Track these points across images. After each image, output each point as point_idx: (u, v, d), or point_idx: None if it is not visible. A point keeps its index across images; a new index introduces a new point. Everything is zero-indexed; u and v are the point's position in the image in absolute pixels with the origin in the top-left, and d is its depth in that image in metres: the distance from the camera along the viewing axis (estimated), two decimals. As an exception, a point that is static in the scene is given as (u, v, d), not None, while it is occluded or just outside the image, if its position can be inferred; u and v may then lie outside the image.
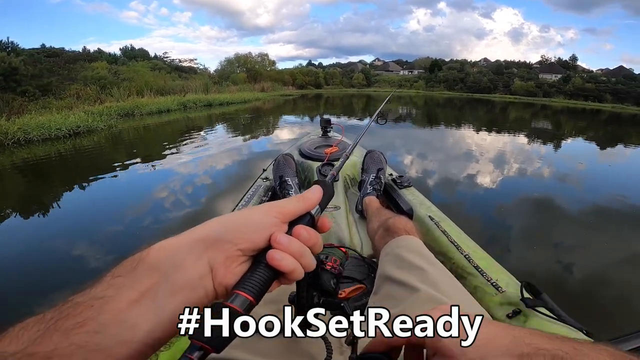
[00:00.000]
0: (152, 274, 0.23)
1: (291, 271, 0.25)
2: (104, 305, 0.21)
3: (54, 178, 3.55)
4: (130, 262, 0.24)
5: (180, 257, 0.24)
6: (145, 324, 0.21)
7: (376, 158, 1.40)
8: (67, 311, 0.20)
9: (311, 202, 0.30)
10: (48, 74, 10.84)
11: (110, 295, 0.21)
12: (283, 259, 0.25)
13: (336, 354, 0.47)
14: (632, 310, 1.52)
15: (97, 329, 0.20)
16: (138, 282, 0.22)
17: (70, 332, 0.19)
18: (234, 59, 27.36)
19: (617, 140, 8.01)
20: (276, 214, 0.27)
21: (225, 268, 0.25)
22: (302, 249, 0.27)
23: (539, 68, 36.64)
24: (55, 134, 5.37)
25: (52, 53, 15.87)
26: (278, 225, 0.27)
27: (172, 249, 0.24)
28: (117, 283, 0.22)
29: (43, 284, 1.60)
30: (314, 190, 0.31)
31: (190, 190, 3.07)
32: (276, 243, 0.26)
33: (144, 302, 0.22)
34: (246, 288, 0.24)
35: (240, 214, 0.27)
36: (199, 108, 11.00)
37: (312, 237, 0.28)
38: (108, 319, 0.20)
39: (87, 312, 0.20)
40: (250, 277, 0.24)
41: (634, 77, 29.30)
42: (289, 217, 0.28)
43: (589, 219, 2.62)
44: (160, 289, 0.23)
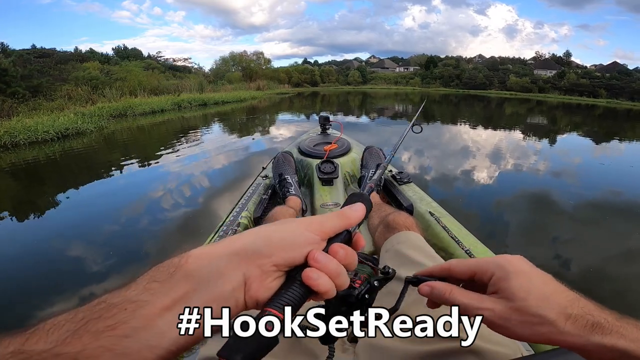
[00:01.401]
0: (188, 282, 0.23)
1: (326, 291, 0.25)
2: (137, 310, 0.21)
3: (39, 183, 3.45)
4: (168, 267, 0.23)
5: (218, 268, 0.23)
6: (173, 332, 0.21)
7: (375, 154, 1.38)
8: (100, 312, 0.20)
9: (354, 221, 0.29)
10: (38, 74, 10.62)
11: (145, 300, 0.21)
12: (319, 278, 0.24)
13: (338, 352, 0.47)
14: (633, 304, 1.51)
15: (127, 333, 0.20)
16: (173, 290, 0.22)
17: (100, 334, 0.19)
18: (229, 57, 27.17)
19: (613, 135, 8.04)
20: (317, 231, 0.27)
21: (259, 282, 0.24)
22: (339, 268, 0.26)
23: (534, 64, 36.81)
24: (43, 137, 5.22)
25: (42, 53, 15.60)
26: (317, 242, 0.26)
27: (211, 258, 0.24)
28: (153, 288, 0.22)
29: (35, 287, 1.56)
30: (357, 207, 0.30)
31: (188, 190, 3.00)
32: (314, 261, 0.25)
33: (176, 310, 0.22)
34: (278, 306, 0.23)
35: (280, 228, 0.27)
36: (193, 107, 10.86)
37: (349, 256, 0.27)
38: (140, 323, 0.20)
39: (120, 315, 0.20)
40: (283, 294, 0.24)
41: (628, 72, 29.56)
42: (329, 235, 0.28)
43: (589, 213, 2.62)
44: (194, 297, 0.22)
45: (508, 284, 0.29)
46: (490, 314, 0.29)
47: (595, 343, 0.25)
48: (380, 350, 0.45)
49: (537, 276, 0.30)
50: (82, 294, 1.53)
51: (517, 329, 0.28)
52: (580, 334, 0.26)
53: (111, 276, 1.67)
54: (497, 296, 0.30)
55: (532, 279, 0.30)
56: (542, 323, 0.27)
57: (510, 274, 0.30)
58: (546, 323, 0.27)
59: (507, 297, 0.29)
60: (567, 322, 0.26)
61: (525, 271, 0.30)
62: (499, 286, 0.30)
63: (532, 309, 0.27)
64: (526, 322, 0.27)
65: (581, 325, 0.26)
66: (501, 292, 0.29)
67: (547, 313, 0.27)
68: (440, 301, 0.33)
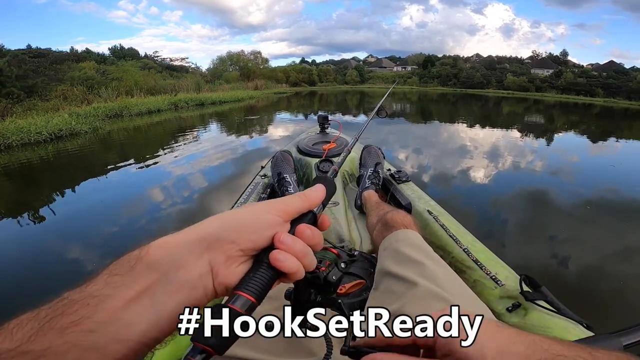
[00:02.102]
0: (151, 273, 0.22)
1: (294, 272, 0.25)
2: (100, 304, 0.20)
3: (32, 185, 3.40)
4: (128, 260, 0.23)
5: (180, 256, 0.23)
6: (142, 323, 0.21)
7: (373, 153, 1.38)
8: (62, 309, 0.20)
9: (314, 201, 0.29)
10: (33, 74, 10.50)
11: (107, 294, 0.21)
12: (287, 259, 0.24)
13: (336, 350, 0.43)
14: (631, 302, 1.51)
15: (92, 327, 0.20)
16: (136, 282, 0.22)
17: (65, 330, 0.19)
18: (227, 57, 27.10)
19: (610, 133, 8.07)
20: (279, 212, 0.27)
21: (226, 268, 0.24)
22: (305, 249, 0.26)
23: (531, 63, 36.94)
24: (36, 139, 5.12)
25: (38, 53, 15.45)
26: (281, 224, 0.26)
27: (172, 247, 0.24)
28: (114, 281, 0.22)
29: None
30: (316, 188, 0.30)
31: (186, 191, 2.97)
32: (280, 243, 0.25)
33: (141, 301, 0.21)
34: (248, 289, 0.23)
35: (242, 212, 0.26)
36: (190, 107, 10.79)
37: (315, 236, 0.27)
38: (104, 317, 0.20)
39: (83, 311, 0.20)
40: (252, 277, 0.24)
41: (624, 71, 29.70)
42: (292, 216, 0.28)
43: (589, 211, 2.62)
44: (159, 288, 0.22)
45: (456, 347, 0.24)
46: None
47: None
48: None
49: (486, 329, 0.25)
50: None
51: None
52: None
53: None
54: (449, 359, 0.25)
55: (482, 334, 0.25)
56: None
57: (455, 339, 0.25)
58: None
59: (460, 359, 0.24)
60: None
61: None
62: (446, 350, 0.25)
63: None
64: None
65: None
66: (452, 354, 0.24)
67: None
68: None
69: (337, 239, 1.01)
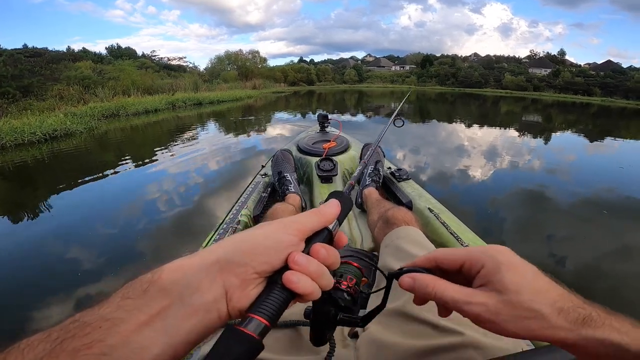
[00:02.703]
0: (165, 297, 0.22)
1: (309, 293, 0.24)
2: (113, 327, 0.20)
3: (25, 185, 3.36)
4: (141, 284, 0.23)
5: (194, 280, 0.23)
6: (155, 347, 0.21)
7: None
8: (74, 331, 0.20)
9: (330, 217, 0.29)
10: (29, 74, 10.43)
11: (120, 318, 0.21)
12: (300, 281, 0.24)
13: (339, 347, 0.46)
14: (633, 301, 1.51)
15: (104, 351, 0.20)
16: (149, 305, 0.22)
17: (77, 353, 0.19)
18: (225, 56, 27.04)
19: (607, 133, 8.08)
20: (294, 231, 0.26)
21: (240, 291, 0.24)
22: (320, 269, 0.25)
23: (528, 62, 37.02)
24: (30, 139, 5.02)
25: (34, 53, 15.35)
26: (296, 243, 0.26)
27: (185, 271, 0.23)
28: (127, 305, 0.22)
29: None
30: (331, 204, 0.29)
31: (186, 191, 2.93)
32: (294, 264, 0.24)
33: (154, 325, 0.21)
34: (261, 312, 0.23)
35: (255, 233, 0.26)
36: (188, 107, 10.71)
37: (331, 256, 0.27)
38: (117, 341, 0.20)
39: (95, 334, 0.20)
40: (265, 299, 0.23)
41: (622, 71, 29.81)
42: (307, 234, 0.27)
43: (586, 210, 2.62)
44: (173, 311, 0.22)
45: (500, 276, 0.28)
46: (481, 309, 0.27)
47: (587, 337, 0.25)
48: (380, 345, 0.44)
49: (528, 269, 0.29)
50: (75, 297, 1.47)
51: (507, 324, 0.27)
52: (571, 328, 0.25)
53: (106, 279, 1.61)
54: (488, 289, 0.28)
55: (524, 272, 0.28)
56: (534, 317, 0.26)
57: (502, 266, 0.28)
58: (538, 317, 0.26)
59: (499, 290, 0.27)
60: (559, 316, 0.26)
61: (516, 263, 0.29)
62: (490, 278, 0.28)
63: (526, 303, 0.26)
64: (517, 317, 0.26)
65: (573, 319, 0.25)
66: (492, 284, 0.28)
67: (540, 307, 0.26)
68: (425, 296, 0.30)
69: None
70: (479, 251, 0.30)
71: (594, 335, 0.24)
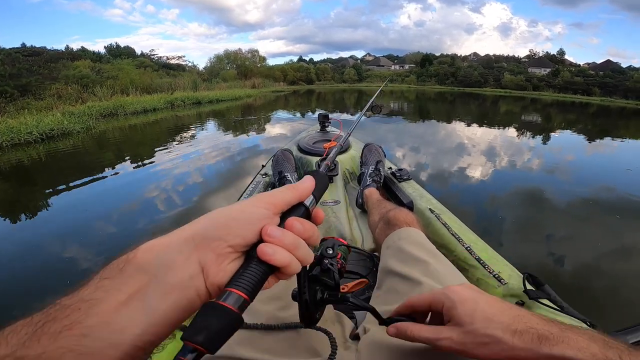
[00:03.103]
0: (141, 276, 0.22)
1: (286, 265, 0.24)
2: (91, 308, 0.20)
3: (22, 185, 3.33)
4: (117, 264, 0.23)
5: (169, 257, 0.23)
6: (134, 327, 0.21)
7: (374, 151, 1.38)
8: (55, 314, 0.20)
9: (303, 192, 0.29)
10: (27, 73, 10.38)
11: (98, 298, 0.21)
12: (275, 252, 0.24)
13: (341, 349, 0.46)
14: (634, 300, 1.50)
15: (84, 332, 0.20)
16: (126, 284, 0.22)
17: (58, 335, 0.19)
18: (224, 55, 26.98)
19: (606, 132, 8.08)
20: (266, 204, 0.26)
21: (217, 266, 0.23)
22: (296, 241, 0.25)
23: (528, 62, 37.01)
24: (26, 139, 4.95)
25: (32, 52, 15.27)
26: (269, 217, 0.26)
27: (160, 249, 0.23)
28: (104, 285, 0.22)
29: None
30: (305, 179, 0.30)
31: (185, 191, 2.92)
32: (267, 236, 0.24)
33: (132, 305, 0.21)
34: (239, 285, 0.23)
35: (228, 209, 0.26)
36: (187, 106, 10.66)
37: (308, 229, 0.27)
38: (95, 322, 0.20)
39: (74, 315, 0.20)
40: (242, 273, 0.23)
41: (621, 70, 29.80)
42: (281, 208, 0.27)
43: (585, 209, 2.61)
44: (150, 290, 0.22)
45: (456, 311, 0.33)
46: (449, 342, 0.32)
47: (546, 354, 0.27)
48: (382, 346, 0.45)
49: (481, 300, 0.33)
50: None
51: (475, 350, 0.31)
52: (529, 347, 0.28)
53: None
54: (451, 324, 0.33)
55: (477, 303, 0.32)
56: (493, 342, 0.29)
57: (456, 302, 0.33)
58: (496, 341, 0.29)
59: (457, 323, 0.32)
60: (514, 338, 0.29)
61: (469, 298, 0.33)
62: (449, 315, 0.33)
63: (480, 330, 0.30)
64: (480, 344, 0.30)
65: (528, 339, 0.28)
66: (452, 319, 0.33)
67: (494, 332, 0.29)
68: (406, 338, 0.36)
69: (337, 232, 1.00)
70: (439, 293, 0.36)
71: (551, 352, 0.27)
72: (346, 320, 0.56)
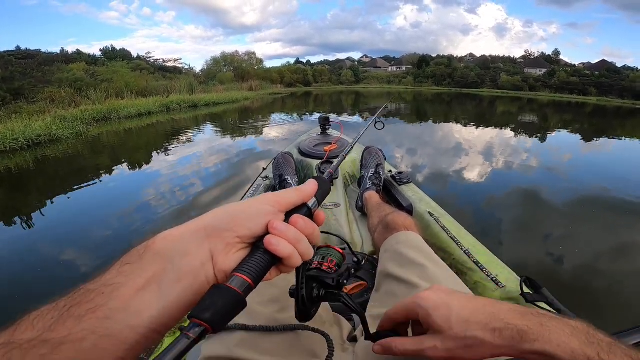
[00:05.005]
0: (158, 261, 0.24)
1: (288, 256, 0.27)
2: (113, 292, 0.22)
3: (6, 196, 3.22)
4: (137, 250, 0.25)
5: (184, 245, 0.25)
6: (151, 310, 0.23)
7: (374, 154, 1.39)
8: (80, 298, 0.22)
9: (307, 194, 0.31)
10: (20, 76, 10.23)
11: (120, 283, 0.23)
12: (279, 244, 0.26)
13: (338, 351, 0.46)
14: (633, 302, 1.50)
15: (107, 314, 0.21)
16: (144, 270, 0.24)
17: (82, 318, 0.21)
18: (221, 58, 26.91)
19: (605, 132, 8.08)
20: (272, 202, 0.28)
21: (225, 254, 0.26)
22: (298, 235, 0.28)
23: (524, 63, 37.23)
24: (12, 146, 4.74)
25: (26, 55, 15.13)
26: (275, 213, 0.28)
27: (176, 237, 0.26)
28: (125, 270, 0.23)
29: None
30: (309, 183, 0.33)
31: (185, 196, 2.87)
32: (273, 229, 0.27)
33: (150, 289, 0.23)
34: (244, 271, 0.25)
35: (239, 204, 0.29)
36: (183, 110, 10.56)
37: (309, 227, 0.29)
38: (117, 305, 0.22)
39: (98, 299, 0.22)
40: (248, 261, 0.26)
41: (616, 70, 30.03)
42: (285, 207, 0.29)
43: (584, 209, 2.61)
44: (166, 275, 0.24)
45: (431, 319, 0.32)
46: (434, 352, 0.31)
47: (528, 350, 0.27)
48: None
49: (454, 303, 0.32)
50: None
51: (463, 355, 0.30)
52: (511, 345, 0.28)
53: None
54: (431, 333, 0.32)
55: (450, 308, 0.31)
56: (476, 344, 0.29)
57: (429, 310, 0.32)
58: (478, 342, 0.29)
59: (437, 330, 0.31)
60: (495, 336, 0.28)
61: (441, 303, 0.32)
62: (426, 323, 0.33)
63: (461, 334, 0.30)
64: (464, 347, 0.29)
65: (509, 336, 0.28)
66: (430, 327, 0.32)
67: (474, 333, 0.29)
68: (392, 353, 0.35)
69: (338, 241, 1.02)
70: (410, 303, 0.35)
71: (533, 348, 0.27)
72: (344, 322, 0.58)
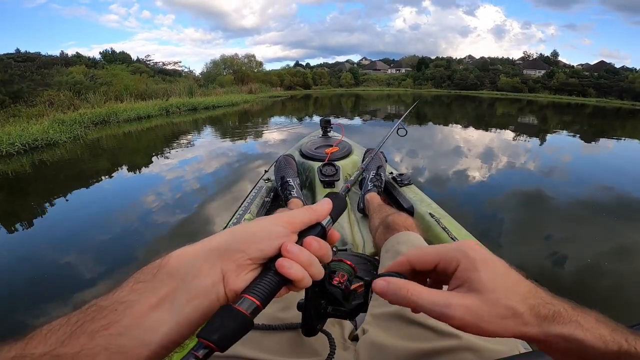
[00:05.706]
0: (171, 280, 0.25)
1: (299, 279, 0.26)
2: (127, 309, 0.23)
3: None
4: (151, 269, 0.25)
5: (197, 265, 0.25)
6: (163, 327, 0.23)
7: (376, 156, 1.39)
8: (93, 314, 0.22)
9: (321, 213, 0.31)
10: (20, 79, 10.20)
11: (133, 300, 0.23)
12: (292, 267, 0.26)
13: (339, 350, 0.46)
14: (633, 302, 1.50)
15: (120, 331, 0.22)
16: (158, 288, 0.24)
17: (95, 334, 0.21)
18: (220, 60, 26.94)
19: (607, 133, 8.06)
20: (285, 224, 0.28)
21: (236, 275, 0.26)
22: (311, 258, 0.27)
23: (522, 64, 37.32)
24: (8, 150, 4.65)
25: (26, 58, 15.10)
26: (287, 235, 0.28)
27: (189, 257, 0.26)
28: (139, 288, 0.24)
29: None
30: (323, 202, 0.32)
31: (187, 199, 2.85)
32: (286, 252, 0.27)
33: (162, 307, 0.24)
34: (254, 293, 0.25)
35: (251, 225, 0.28)
36: (183, 113, 10.51)
37: (322, 248, 0.28)
38: (130, 322, 0.22)
39: (112, 316, 0.22)
40: (258, 282, 0.26)
41: (615, 71, 30.11)
42: (299, 227, 0.29)
43: (583, 209, 2.60)
44: (178, 294, 0.24)
45: (477, 274, 0.26)
46: (462, 312, 0.25)
47: (554, 333, 0.25)
48: (380, 348, 0.45)
49: (499, 265, 0.28)
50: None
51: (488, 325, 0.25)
52: (540, 325, 0.25)
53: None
54: (465, 290, 0.27)
55: (496, 268, 0.27)
56: (510, 316, 0.25)
57: (477, 263, 0.27)
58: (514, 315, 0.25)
59: (477, 289, 0.26)
60: (532, 313, 0.25)
61: (488, 259, 0.28)
62: (464, 277, 0.27)
63: (502, 301, 0.25)
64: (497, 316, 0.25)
65: (542, 316, 0.25)
66: (470, 284, 0.27)
67: (514, 304, 0.25)
68: (399, 300, 0.28)
69: (340, 242, 1.01)
70: (451, 248, 0.29)
71: (561, 332, 0.25)
72: (346, 321, 0.57)
